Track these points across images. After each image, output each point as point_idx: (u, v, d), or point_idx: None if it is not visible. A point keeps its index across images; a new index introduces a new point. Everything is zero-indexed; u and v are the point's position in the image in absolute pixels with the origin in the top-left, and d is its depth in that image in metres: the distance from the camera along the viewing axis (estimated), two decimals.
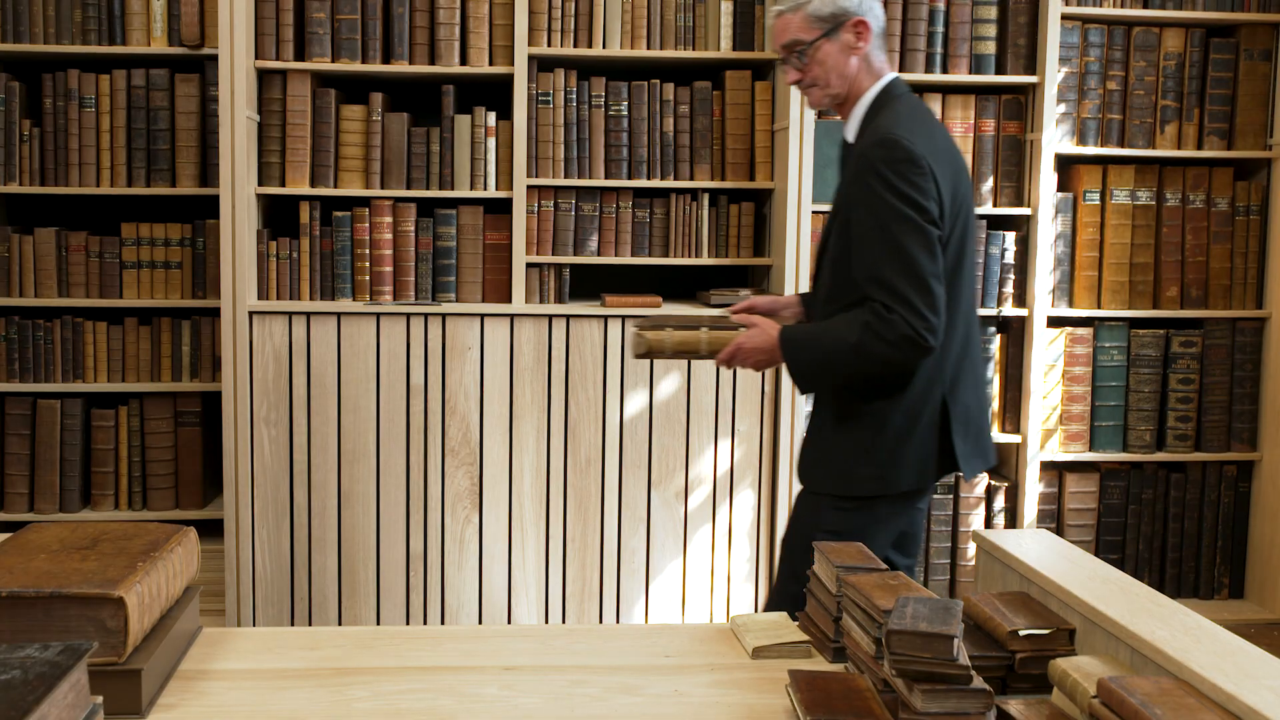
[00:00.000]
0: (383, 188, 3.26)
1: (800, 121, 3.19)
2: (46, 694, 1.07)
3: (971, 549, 3.37)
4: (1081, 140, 3.43)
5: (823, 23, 2.06)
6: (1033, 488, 3.41)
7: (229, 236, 3.11)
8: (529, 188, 3.26)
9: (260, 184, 3.20)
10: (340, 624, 3.20)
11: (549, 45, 3.24)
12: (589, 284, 3.49)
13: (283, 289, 3.21)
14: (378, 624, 3.21)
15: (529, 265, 3.27)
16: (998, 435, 3.42)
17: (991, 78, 3.34)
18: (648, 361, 3.23)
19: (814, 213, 3.29)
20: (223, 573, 3.19)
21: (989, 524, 3.42)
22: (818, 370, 2.10)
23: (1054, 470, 3.48)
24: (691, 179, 3.34)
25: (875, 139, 2.07)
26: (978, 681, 1.34)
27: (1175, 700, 1.27)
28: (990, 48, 3.35)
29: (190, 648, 1.68)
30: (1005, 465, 3.53)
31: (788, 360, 2.11)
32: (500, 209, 3.29)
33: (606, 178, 3.29)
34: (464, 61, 3.23)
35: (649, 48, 3.29)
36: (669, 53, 3.28)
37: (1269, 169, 3.49)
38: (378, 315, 3.19)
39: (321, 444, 3.17)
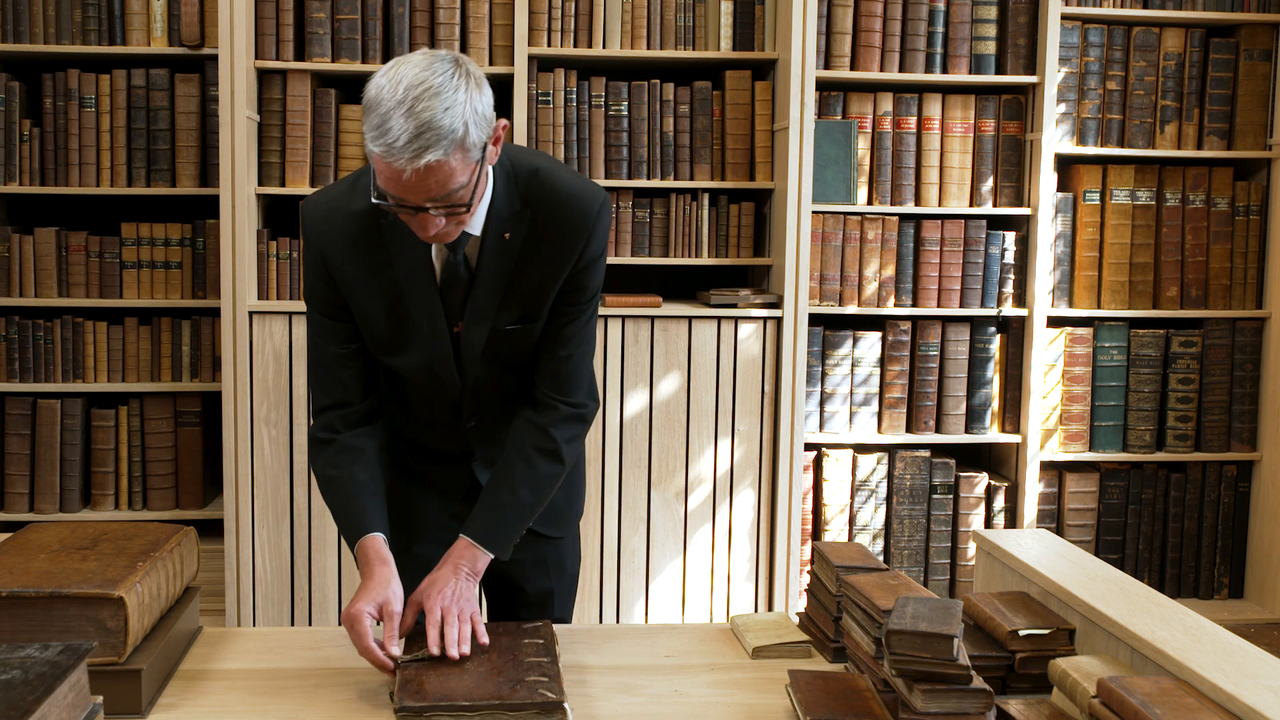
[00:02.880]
0: None
1: (800, 121, 3.20)
2: (47, 694, 1.07)
3: (971, 549, 3.37)
4: (1081, 140, 3.43)
5: (478, 149, 1.53)
6: (1033, 488, 3.41)
7: (229, 236, 3.11)
8: None
9: (260, 184, 3.20)
10: (340, 624, 3.20)
11: (549, 45, 3.24)
12: None
13: (283, 289, 3.20)
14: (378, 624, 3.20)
15: None
16: (998, 435, 3.43)
17: (991, 78, 3.34)
18: (647, 361, 3.23)
19: (814, 213, 3.29)
20: (223, 573, 3.19)
21: (989, 524, 3.42)
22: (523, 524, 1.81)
23: (1054, 470, 3.48)
24: (691, 179, 3.34)
25: (584, 192, 1.71)
26: (978, 681, 1.34)
27: (1175, 700, 1.27)
28: (990, 48, 3.35)
29: (190, 648, 1.68)
30: (1005, 465, 3.53)
31: (502, 550, 1.76)
32: None
33: (606, 178, 3.29)
34: None
35: (649, 48, 3.29)
36: (669, 53, 3.28)
37: (1269, 169, 3.49)
38: None
39: None
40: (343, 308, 1.73)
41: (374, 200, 1.56)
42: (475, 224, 1.67)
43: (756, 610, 3.30)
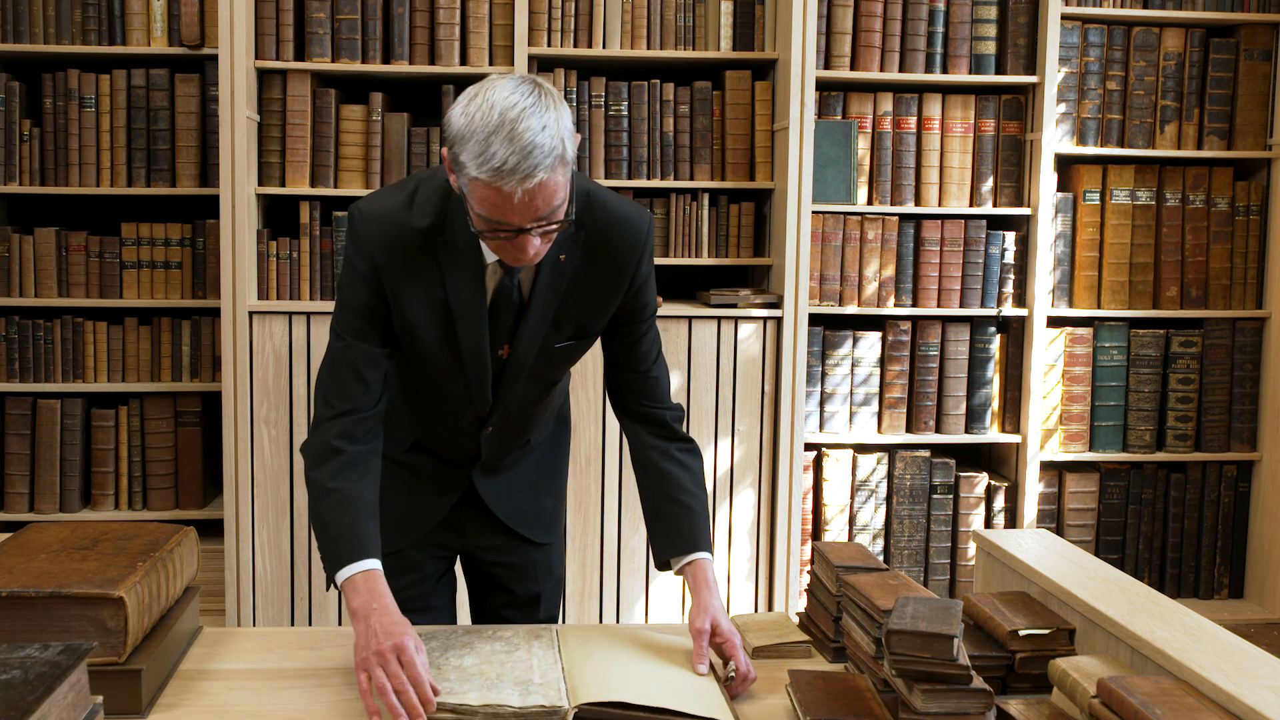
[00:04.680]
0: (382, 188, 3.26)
1: (800, 121, 3.20)
2: (47, 694, 1.07)
3: (971, 549, 3.37)
4: (1081, 140, 3.43)
5: (572, 164, 1.55)
6: (1033, 488, 3.41)
7: (229, 236, 3.11)
8: None
9: (260, 184, 3.20)
10: (340, 624, 3.20)
11: (549, 45, 3.24)
12: None
13: (283, 289, 3.20)
14: None
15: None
16: (998, 435, 3.43)
17: (991, 78, 3.34)
18: None
19: (814, 213, 3.29)
20: (223, 573, 3.19)
21: (989, 524, 3.42)
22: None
23: (1054, 470, 3.48)
24: (691, 179, 3.34)
25: (632, 214, 1.75)
26: (978, 681, 1.34)
27: (1175, 700, 1.27)
28: (990, 48, 3.35)
29: (190, 648, 1.68)
30: (1005, 465, 3.53)
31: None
32: None
33: (606, 177, 3.29)
34: (464, 61, 3.23)
35: (649, 48, 3.29)
36: (669, 53, 3.28)
37: (1269, 169, 3.48)
38: None
39: None
40: (382, 315, 1.71)
41: (472, 231, 1.55)
42: None
43: (756, 610, 3.29)
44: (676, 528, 1.77)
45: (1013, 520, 3.43)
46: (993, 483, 3.43)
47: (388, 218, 1.68)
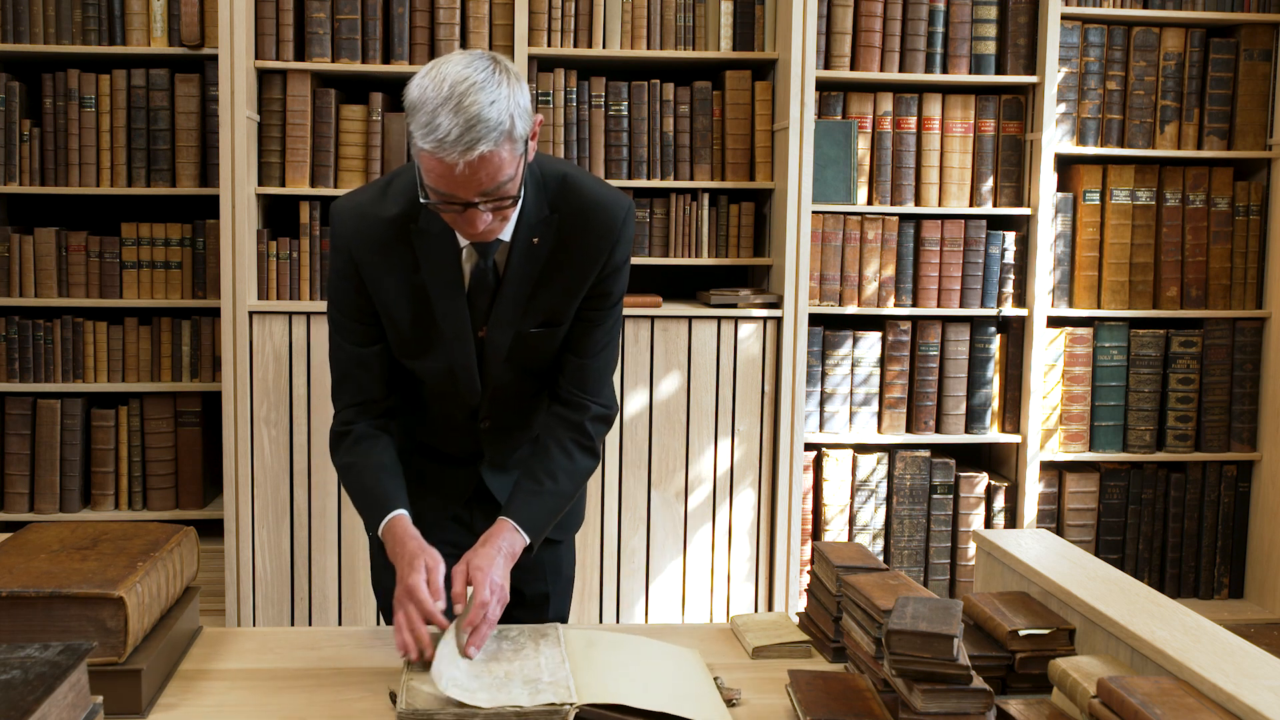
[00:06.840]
0: None
1: (800, 121, 3.20)
2: (47, 694, 1.07)
3: (971, 549, 3.37)
4: (1081, 140, 3.43)
5: (523, 142, 1.56)
6: (1033, 488, 3.41)
7: (229, 236, 3.11)
8: None
9: (260, 184, 3.20)
10: (340, 624, 3.20)
11: (549, 45, 3.24)
12: None
13: (283, 289, 3.21)
14: (378, 624, 3.21)
15: None
16: (998, 435, 3.43)
17: (991, 78, 3.34)
18: (647, 361, 3.23)
19: (814, 213, 3.29)
20: (223, 573, 3.19)
21: (989, 524, 3.42)
22: (558, 515, 1.83)
23: (1054, 470, 3.48)
24: (691, 179, 3.34)
25: (610, 200, 1.73)
26: (978, 681, 1.34)
27: (1175, 700, 1.27)
28: (990, 48, 3.35)
29: (190, 648, 1.68)
30: (1005, 465, 3.53)
31: (538, 537, 1.76)
32: None
33: (606, 177, 3.29)
34: None
35: (649, 48, 3.29)
36: (669, 53, 3.28)
37: (1269, 169, 3.49)
38: None
39: (321, 444, 3.16)
40: (367, 311, 1.75)
41: (422, 200, 1.59)
42: (505, 230, 1.68)
43: (756, 610, 3.30)
44: (522, 498, 1.75)
45: (1013, 520, 3.43)
46: (993, 483, 3.43)
47: (360, 211, 1.72)
